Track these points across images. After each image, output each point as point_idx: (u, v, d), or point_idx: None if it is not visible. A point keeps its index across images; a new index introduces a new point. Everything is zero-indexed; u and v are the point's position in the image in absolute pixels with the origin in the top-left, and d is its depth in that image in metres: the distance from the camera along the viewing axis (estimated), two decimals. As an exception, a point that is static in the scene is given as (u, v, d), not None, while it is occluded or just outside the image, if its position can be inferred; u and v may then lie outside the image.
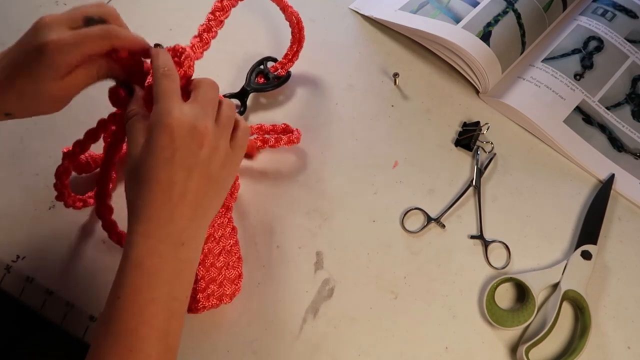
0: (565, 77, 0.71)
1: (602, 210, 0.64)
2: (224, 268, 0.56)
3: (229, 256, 0.57)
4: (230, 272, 0.57)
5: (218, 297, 0.56)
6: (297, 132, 0.65)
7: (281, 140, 0.64)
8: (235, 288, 0.57)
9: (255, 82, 0.70)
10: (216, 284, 0.55)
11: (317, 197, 0.64)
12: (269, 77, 0.70)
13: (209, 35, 0.55)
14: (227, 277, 0.56)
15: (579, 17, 0.76)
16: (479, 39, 0.70)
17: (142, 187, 0.46)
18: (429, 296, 0.59)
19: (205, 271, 0.54)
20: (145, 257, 0.45)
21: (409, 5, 0.76)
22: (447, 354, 0.57)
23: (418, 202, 0.64)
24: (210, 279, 0.55)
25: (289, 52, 0.70)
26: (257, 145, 0.64)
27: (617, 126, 0.70)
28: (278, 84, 0.70)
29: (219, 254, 0.56)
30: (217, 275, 0.55)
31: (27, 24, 0.49)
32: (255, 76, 0.70)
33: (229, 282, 0.56)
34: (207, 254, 0.55)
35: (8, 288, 0.60)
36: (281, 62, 0.70)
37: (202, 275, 0.54)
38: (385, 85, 0.72)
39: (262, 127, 0.66)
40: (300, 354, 0.56)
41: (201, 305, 0.54)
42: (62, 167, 0.58)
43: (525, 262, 0.62)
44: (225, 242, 0.57)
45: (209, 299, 0.55)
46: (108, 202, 0.60)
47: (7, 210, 0.63)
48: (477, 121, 0.69)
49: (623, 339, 0.58)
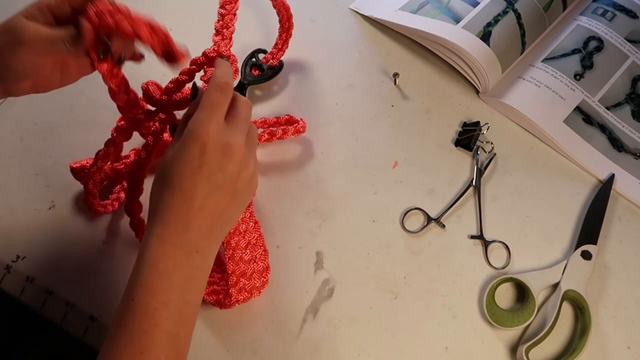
0: (565, 77, 0.71)
1: (602, 210, 0.64)
2: (252, 261, 0.56)
3: (254, 249, 0.57)
4: (258, 264, 0.57)
5: (249, 290, 0.56)
6: (302, 122, 0.65)
7: (288, 132, 0.64)
8: (264, 280, 0.57)
9: (250, 74, 0.70)
10: (246, 278, 0.55)
11: (317, 197, 0.64)
12: (262, 68, 0.70)
13: (228, 31, 0.55)
14: (256, 270, 0.57)
15: (579, 17, 0.76)
16: (479, 39, 0.70)
17: (165, 191, 0.46)
18: (429, 296, 0.59)
19: (235, 265, 0.55)
20: (160, 260, 0.45)
21: (409, 5, 0.76)
22: (447, 354, 0.57)
23: (418, 202, 0.64)
24: (240, 272, 0.55)
25: (278, 41, 0.70)
26: (265, 139, 0.64)
27: (617, 126, 0.70)
28: (272, 74, 0.70)
29: (246, 248, 0.56)
30: (246, 269, 0.56)
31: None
32: (249, 69, 0.70)
33: (258, 275, 0.56)
34: (235, 248, 0.55)
35: (8, 288, 0.60)
36: (272, 53, 0.70)
37: (232, 269, 0.54)
38: (385, 85, 0.72)
39: (266, 120, 0.66)
40: (300, 354, 0.56)
41: (234, 299, 0.55)
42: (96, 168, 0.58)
43: (525, 262, 0.62)
44: (250, 236, 0.57)
45: (241, 292, 0.55)
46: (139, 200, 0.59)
47: (7, 210, 0.63)
48: (477, 121, 0.69)
49: (623, 339, 0.58)
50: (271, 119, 0.66)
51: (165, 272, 0.45)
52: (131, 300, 0.44)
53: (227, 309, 0.56)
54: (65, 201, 0.63)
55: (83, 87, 0.69)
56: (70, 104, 0.69)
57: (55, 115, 0.68)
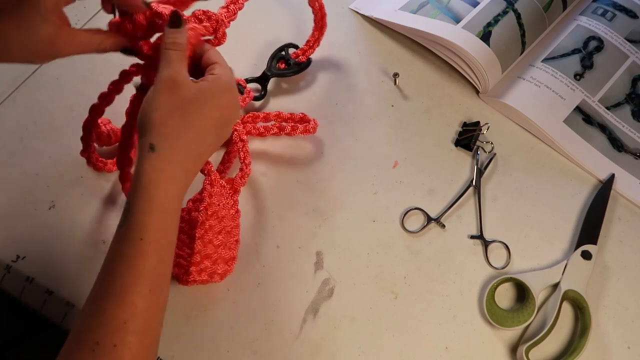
0: (565, 77, 0.71)
1: (602, 210, 0.64)
2: (221, 247, 0.57)
3: (227, 237, 0.58)
4: (226, 252, 0.58)
5: (209, 273, 0.57)
6: (313, 122, 0.66)
7: (297, 129, 0.65)
8: (227, 269, 0.58)
9: (276, 67, 0.71)
10: (210, 261, 0.56)
11: (317, 197, 0.64)
12: (289, 63, 0.71)
13: (235, 6, 0.57)
14: (222, 257, 0.57)
15: (579, 17, 0.76)
16: (479, 39, 0.70)
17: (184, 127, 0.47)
18: (429, 296, 0.59)
19: (202, 246, 0.55)
20: (170, 201, 0.46)
21: (409, 5, 0.76)
22: (447, 354, 0.57)
23: (418, 202, 0.64)
24: (205, 254, 0.56)
25: (310, 39, 0.71)
26: (273, 132, 0.65)
27: (617, 126, 0.70)
28: (298, 70, 0.71)
29: (219, 233, 0.57)
30: (212, 253, 0.56)
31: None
32: (276, 62, 0.71)
33: (222, 262, 0.57)
34: (207, 230, 0.56)
35: (8, 288, 0.60)
36: (302, 49, 0.71)
37: (198, 249, 0.55)
38: (385, 85, 0.72)
39: (280, 114, 0.67)
40: (300, 354, 0.56)
41: (192, 278, 0.56)
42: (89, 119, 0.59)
43: (525, 262, 0.61)
44: (227, 223, 0.58)
45: (201, 274, 0.56)
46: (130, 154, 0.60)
47: (7, 210, 0.63)
48: (477, 121, 0.69)
49: (623, 339, 0.58)
50: (285, 114, 0.67)
51: (172, 213, 0.47)
52: (139, 239, 0.44)
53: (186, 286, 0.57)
54: (65, 201, 0.63)
55: (83, 87, 0.69)
56: (70, 104, 0.69)
57: (55, 115, 0.68)
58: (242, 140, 0.61)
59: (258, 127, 0.66)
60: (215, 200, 0.56)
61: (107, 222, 0.62)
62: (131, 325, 0.43)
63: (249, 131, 0.65)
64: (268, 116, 0.66)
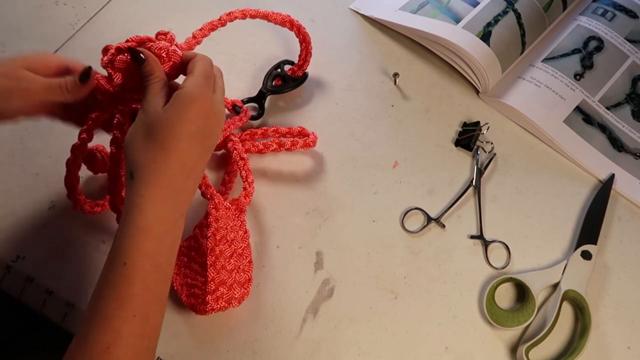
0: (565, 77, 0.71)
1: (602, 210, 0.64)
2: (235, 271, 0.56)
3: (240, 259, 0.57)
4: (241, 275, 0.57)
5: (227, 300, 0.55)
6: (313, 136, 0.65)
7: (297, 144, 0.64)
8: (244, 292, 0.57)
9: (272, 85, 0.70)
10: (226, 287, 0.55)
11: (317, 197, 0.64)
12: (286, 79, 0.70)
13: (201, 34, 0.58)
14: (237, 281, 0.56)
15: (579, 17, 0.76)
16: (479, 39, 0.70)
17: (159, 152, 0.47)
18: (429, 296, 0.59)
19: (215, 273, 0.54)
20: (154, 223, 0.46)
21: (409, 5, 0.76)
22: (447, 354, 0.57)
23: (418, 202, 0.64)
24: (220, 281, 0.55)
25: (301, 54, 0.70)
26: (272, 149, 0.64)
27: (617, 126, 0.70)
28: (295, 85, 0.70)
29: (230, 257, 0.56)
30: (227, 278, 0.55)
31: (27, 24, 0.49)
32: (272, 79, 0.71)
33: (238, 286, 0.56)
34: (218, 256, 0.55)
35: (8, 288, 0.60)
36: (298, 64, 0.71)
37: (212, 277, 0.54)
38: (385, 85, 0.72)
39: (278, 129, 0.66)
40: (300, 354, 0.56)
41: (210, 307, 0.54)
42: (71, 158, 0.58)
43: (525, 262, 0.62)
44: (237, 245, 0.57)
45: (218, 301, 0.55)
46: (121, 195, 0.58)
47: (7, 210, 0.63)
48: (477, 121, 0.69)
49: (623, 339, 0.58)
50: (283, 129, 0.66)
51: (159, 237, 0.46)
52: (123, 264, 0.44)
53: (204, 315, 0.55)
54: (65, 201, 0.63)
55: (83, 87, 0.69)
56: (70, 104, 0.69)
57: (55, 115, 0.68)
58: (243, 158, 0.61)
59: (257, 145, 0.64)
60: (222, 224, 0.56)
61: (107, 223, 0.62)
62: (114, 351, 0.42)
63: (248, 149, 0.64)
64: (266, 132, 0.65)
